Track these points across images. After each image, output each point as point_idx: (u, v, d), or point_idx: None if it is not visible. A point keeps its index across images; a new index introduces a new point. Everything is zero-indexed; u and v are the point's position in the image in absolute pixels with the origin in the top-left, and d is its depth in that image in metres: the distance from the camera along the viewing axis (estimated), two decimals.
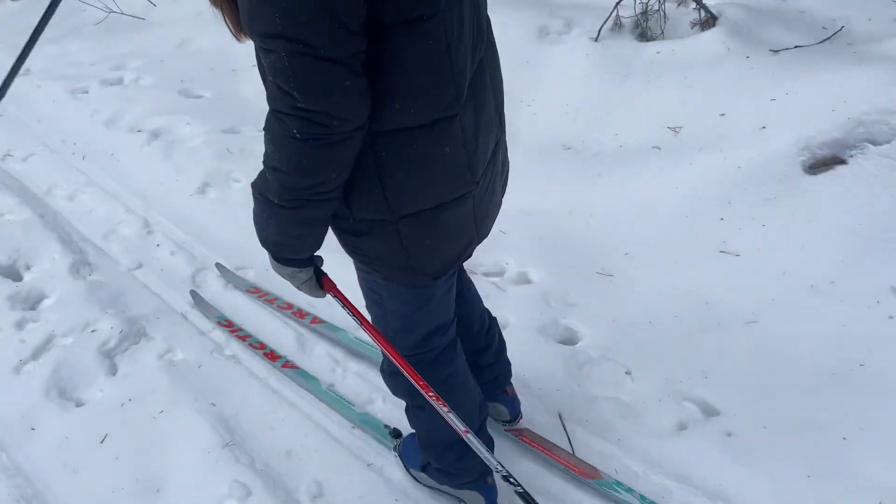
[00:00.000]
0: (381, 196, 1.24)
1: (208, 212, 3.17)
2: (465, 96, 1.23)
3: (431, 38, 1.13)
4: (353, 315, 1.49)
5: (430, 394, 1.55)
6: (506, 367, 2.00)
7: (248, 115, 3.72)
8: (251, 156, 3.41)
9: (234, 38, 1.23)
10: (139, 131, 3.77)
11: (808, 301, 2.27)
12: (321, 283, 1.42)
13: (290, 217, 1.20)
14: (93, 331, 2.53)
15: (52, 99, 4.29)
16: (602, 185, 2.86)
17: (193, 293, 2.72)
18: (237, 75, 4.19)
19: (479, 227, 1.46)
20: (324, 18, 1.00)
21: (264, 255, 1.35)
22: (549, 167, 3.03)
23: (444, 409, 1.57)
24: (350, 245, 1.38)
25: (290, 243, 1.28)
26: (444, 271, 1.45)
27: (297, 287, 1.41)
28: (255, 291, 2.73)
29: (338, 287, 1.46)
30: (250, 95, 3.92)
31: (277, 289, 2.69)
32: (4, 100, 4.43)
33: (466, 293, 1.87)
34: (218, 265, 2.88)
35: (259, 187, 1.22)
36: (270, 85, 1.07)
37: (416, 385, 1.54)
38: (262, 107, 1.12)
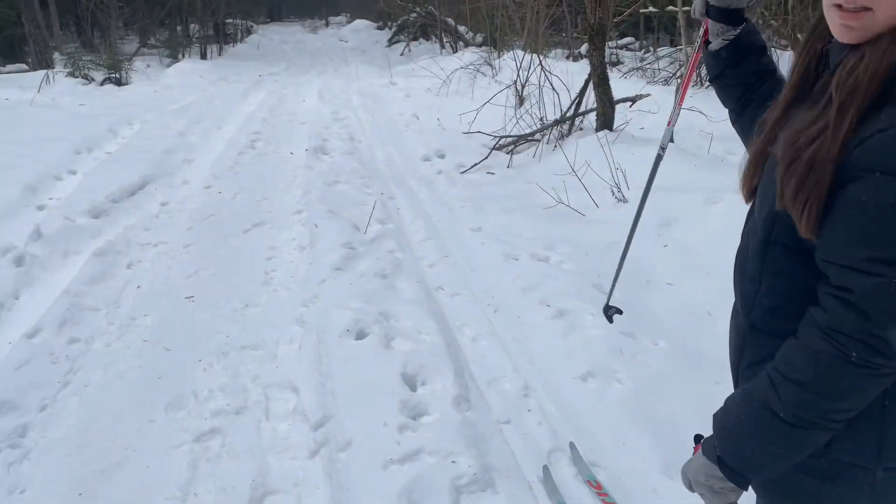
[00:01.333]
0: (875, 440, 1.19)
1: (584, 400, 3.27)
2: None
3: None
4: None
5: None
6: None
7: (647, 324, 3.83)
8: (641, 365, 3.47)
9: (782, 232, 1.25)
10: (548, 306, 4.14)
11: None
12: None
13: (785, 433, 1.19)
14: (453, 461, 2.75)
15: (489, 256, 5.02)
16: None
17: (545, 469, 2.79)
18: (650, 287, 4.37)
19: None
20: None
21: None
22: None
23: None
24: (798, 489, 1.29)
25: (759, 459, 1.25)
26: None
27: None
28: (596, 486, 2.69)
29: None
30: (655, 308, 4.04)
31: (619, 497, 2.61)
32: (456, 251, 5.27)
33: None
34: (572, 444, 2.93)
35: (761, 397, 1.22)
36: (838, 307, 1.11)
37: None
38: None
